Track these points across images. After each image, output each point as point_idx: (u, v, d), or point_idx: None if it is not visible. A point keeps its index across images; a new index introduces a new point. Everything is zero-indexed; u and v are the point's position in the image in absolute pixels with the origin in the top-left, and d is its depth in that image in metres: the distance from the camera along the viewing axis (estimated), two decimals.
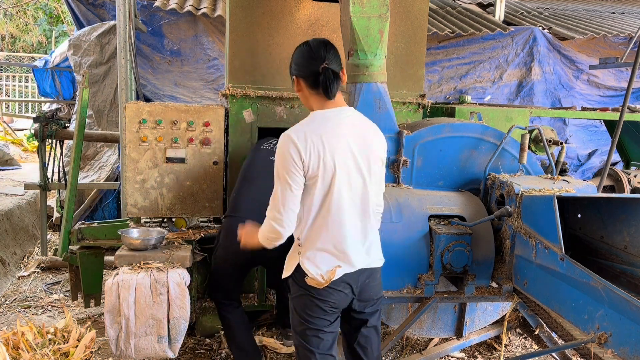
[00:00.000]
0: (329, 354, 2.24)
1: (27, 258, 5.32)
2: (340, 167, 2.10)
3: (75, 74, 6.40)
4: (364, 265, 2.21)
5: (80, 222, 3.84)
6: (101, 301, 3.68)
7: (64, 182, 4.86)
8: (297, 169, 2.06)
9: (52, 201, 5.81)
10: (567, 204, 2.91)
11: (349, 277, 2.18)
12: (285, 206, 2.08)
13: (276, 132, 3.98)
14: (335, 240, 2.14)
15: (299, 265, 2.17)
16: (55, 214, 5.90)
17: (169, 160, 3.61)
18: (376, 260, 2.28)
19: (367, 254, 2.23)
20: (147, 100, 5.30)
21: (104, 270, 3.79)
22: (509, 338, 3.86)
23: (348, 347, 2.40)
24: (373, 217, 2.25)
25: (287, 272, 2.25)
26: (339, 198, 2.11)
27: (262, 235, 2.21)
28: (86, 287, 3.70)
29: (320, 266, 2.14)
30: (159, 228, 3.42)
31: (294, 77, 2.24)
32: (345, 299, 2.22)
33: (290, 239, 2.23)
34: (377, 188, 2.26)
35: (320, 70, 2.12)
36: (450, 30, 6.55)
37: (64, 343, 3.10)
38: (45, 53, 13.92)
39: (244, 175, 3.31)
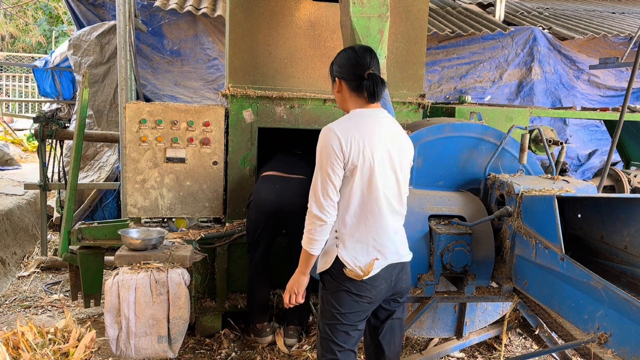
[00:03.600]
0: (351, 350, 2.30)
1: (27, 258, 5.32)
2: (378, 162, 2.18)
3: (75, 74, 6.39)
4: (397, 259, 2.29)
5: (80, 222, 3.84)
6: (101, 301, 3.67)
7: (64, 182, 4.86)
8: (337, 160, 2.13)
9: (52, 201, 5.80)
10: (567, 204, 2.91)
11: (386, 271, 2.24)
12: (325, 195, 2.15)
13: (276, 132, 4.03)
14: (375, 233, 2.21)
15: (337, 259, 2.22)
16: (55, 214, 5.90)
17: (169, 160, 3.61)
18: (407, 254, 2.36)
19: (400, 249, 2.31)
20: (147, 100, 5.29)
21: (104, 270, 3.78)
22: (509, 338, 3.86)
23: (372, 340, 2.44)
24: (400, 216, 2.34)
25: (323, 267, 2.29)
26: (377, 191, 2.19)
27: (306, 234, 2.22)
28: (86, 287, 3.70)
29: (358, 258, 2.20)
30: (159, 228, 3.42)
31: (336, 79, 2.31)
32: (382, 293, 2.28)
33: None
34: (405, 189, 2.34)
35: (365, 76, 2.21)
36: (450, 30, 6.55)
37: (64, 343, 3.10)
38: (45, 53, 13.92)
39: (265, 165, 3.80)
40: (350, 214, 2.20)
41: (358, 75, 2.23)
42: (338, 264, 2.22)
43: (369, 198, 2.19)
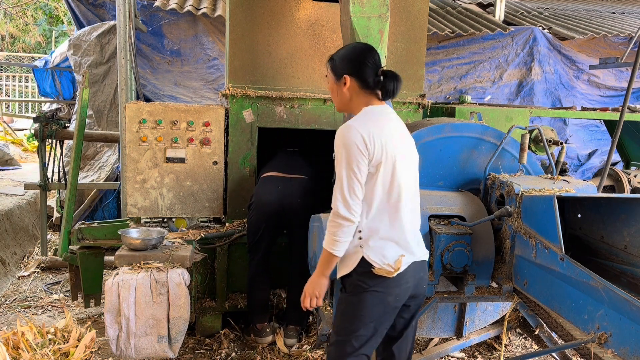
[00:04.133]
0: (366, 355, 2.22)
1: (27, 258, 5.32)
2: (399, 158, 2.17)
3: (75, 74, 6.39)
4: (420, 257, 2.25)
5: (80, 222, 3.84)
6: (101, 301, 3.68)
7: (64, 182, 4.86)
8: (362, 157, 2.10)
9: (52, 201, 5.80)
10: (567, 204, 2.90)
11: (412, 268, 2.20)
12: (352, 193, 2.10)
13: (276, 132, 4.02)
14: (398, 229, 2.18)
15: (362, 260, 2.15)
16: (55, 214, 5.90)
17: (169, 160, 3.61)
18: (425, 253, 2.32)
19: (421, 245, 2.29)
20: (147, 100, 5.29)
21: (104, 270, 3.78)
22: (509, 338, 3.86)
23: (384, 348, 2.37)
24: (418, 213, 2.32)
25: (345, 270, 2.21)
26: (399, 187, 2.16)
27: (329, 235, 2.15)
28: (86, 287, 3.70)
29: (386, 255, 2.14)
30: (159, 228, 3.42)
31: (344, 75, 2.24)
32: (408, 292, 2.22)
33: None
34: (417, 185, 2.32)
35: (379, 73, 2.20)
36: (450, 30, 6.55)
37: (64, 343, 3.10)
38: (45, 53, 13.92)
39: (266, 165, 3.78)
40: (373, 211, 2.15)
41: (371, 72, 2.20)
42: (364, 264, 2.15)
43: (390, 195, 2.15)
